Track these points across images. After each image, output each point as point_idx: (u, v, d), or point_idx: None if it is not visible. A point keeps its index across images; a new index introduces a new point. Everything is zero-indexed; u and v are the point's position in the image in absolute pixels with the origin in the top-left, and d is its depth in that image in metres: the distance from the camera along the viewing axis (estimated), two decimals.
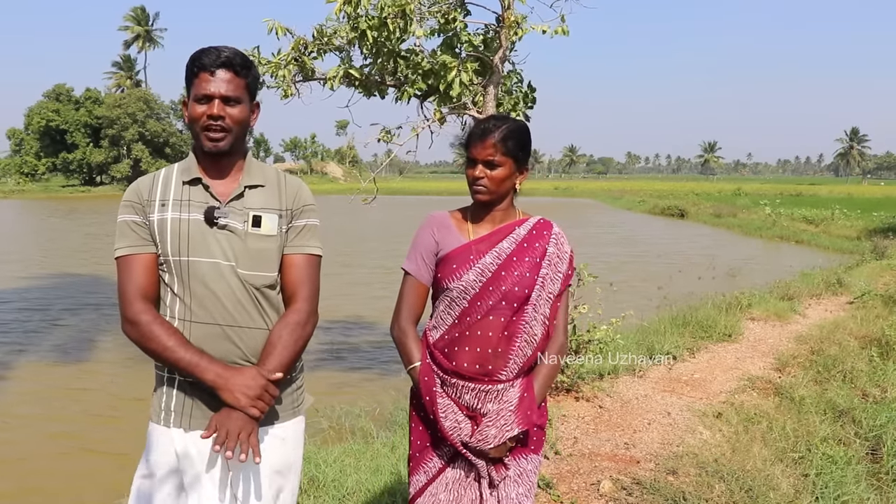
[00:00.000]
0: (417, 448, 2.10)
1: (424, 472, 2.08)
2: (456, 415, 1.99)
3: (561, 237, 2.11)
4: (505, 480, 2.03)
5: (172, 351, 1.74)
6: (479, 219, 2.08)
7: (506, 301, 1.99)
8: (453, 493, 2.03)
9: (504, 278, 2.00)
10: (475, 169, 2.00)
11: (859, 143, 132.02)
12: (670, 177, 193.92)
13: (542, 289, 2.02)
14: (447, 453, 2.05)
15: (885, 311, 8.49)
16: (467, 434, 1.98)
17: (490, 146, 1.97)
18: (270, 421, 1.88)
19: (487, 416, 1.98)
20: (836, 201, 38.13)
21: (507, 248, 2.02)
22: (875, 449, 4.25)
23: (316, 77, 5.16)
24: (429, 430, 2.08)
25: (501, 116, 2.08)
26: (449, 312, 2.04)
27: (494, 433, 1.95)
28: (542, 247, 2.05)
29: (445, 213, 2.13)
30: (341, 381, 7.52)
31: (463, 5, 4.92)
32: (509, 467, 2.03)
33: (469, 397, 1.99)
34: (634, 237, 25.33)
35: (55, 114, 62.22)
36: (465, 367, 1.99)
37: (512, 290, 1.99)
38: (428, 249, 2.07)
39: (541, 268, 2.02)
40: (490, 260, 2.01)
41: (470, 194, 2.05)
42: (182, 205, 1.82)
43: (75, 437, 6.14)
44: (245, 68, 1.83)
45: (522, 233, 2.06)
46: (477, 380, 1.98)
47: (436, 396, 2.00)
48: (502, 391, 1.99)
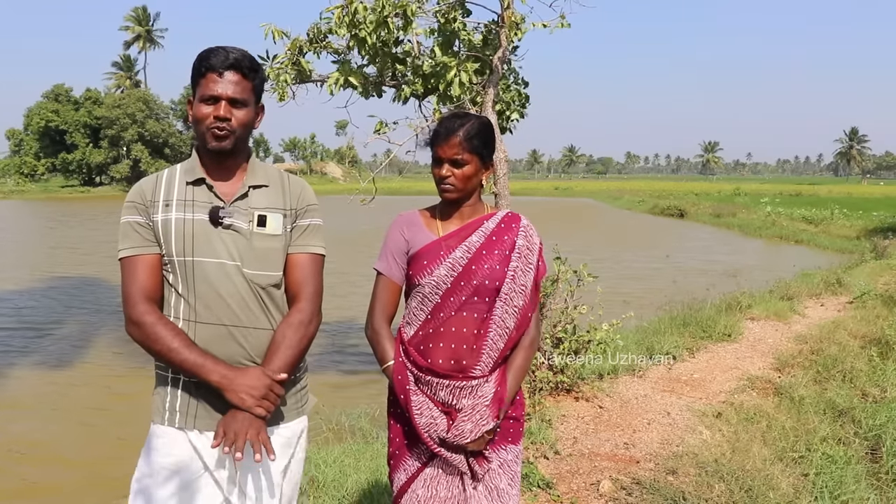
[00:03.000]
0: (396, 446, 2.12)
1: (404, 470, 2.09)
2: (431, 411, 2.01)
3: (530, 229, 2.14)
4: (490, 472, 2.05)
5: (177, 352, 1.74)
6: (447, 216, 2.11)
7: (478, 295, 2.02)
8: (432, 490, 2.04)
9: (475, 272, 2.02)
10: (441, 168, 2.03)
11: (859, 143, 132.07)
12: (670, 177, 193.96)
13: (514, 281, 2.03)
14: (425, 451, 2.06)
15: (885, 311, 8.49)
16: (443, 430, 1.99)
17: (455, 145, 2.00)
18: (275, 421, 1.88)
19: (463, 412, 1.99)
20: (835, 201, 38.13)
21: (476, 242, 2.04)
22: (875, 449, 4.25)
23: (313, 79, 5.17)
24: (405, 428, 2.10)
25: (464, 114, 2.10)
26: (422, 308, 2.06)
27: (470, 428, 1.97)
28: (510, 239, 2.07)
29: (414, 211, 2.16)
30: (341, 382, 7.53)
31: (463, 5, 4.92)
32: (491, 459, 2.05)
33: (444, 394, 2.01)
34: (634, 237, 25.33)
35: (55, 114, 62.19)
36: (440, 363, 2.01)
37: (483, 284, 2.01)
38: (398, 248, 2.09)
39: (510, 260, 2.04)
40: (460, 254, 2.03)
41: (438, 193, 2.08)
42: (186, 205, 1.82)
43: (75, 436, 6.13)
44: (253, 71, 1.83)
45: (491, 226, 2.08)
46: (451, 376, 2.00)
47: (410, 394, 2.02)
48: (476, 387, 2.01)
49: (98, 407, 6.89)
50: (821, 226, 26.76)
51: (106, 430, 6.27)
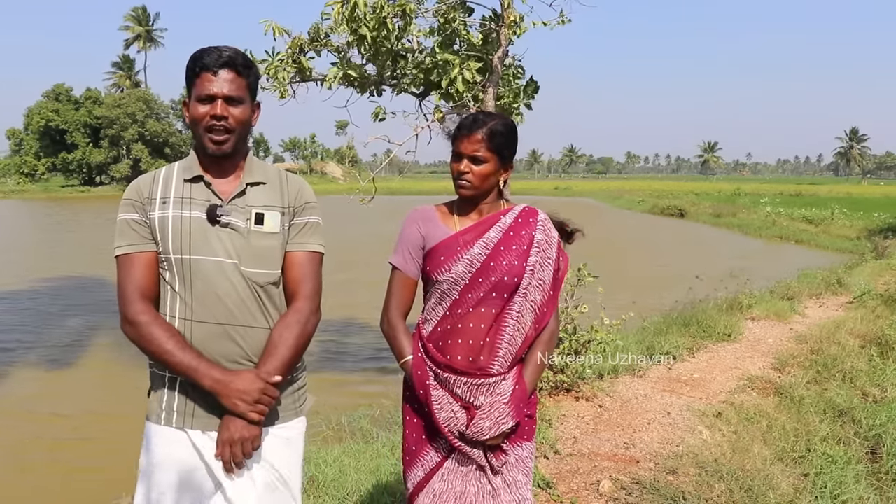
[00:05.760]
0: (413, 441, 2.11)
1: (422, 465, 2.08)
2: (451, 405, 2.00)
3: (547, 222, 2.12)
4: (506, 465, 2.05)
5: (171, 354, 1.73)
6: (464, 212, 2.10)
7: (496, 291, 2.00)
8: (447, 484, 2.04)
9: (493, 268, 2.00)
10: (461, 163, 2.02)
11: (859, 143, 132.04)
12: (670, 176, 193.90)
13: (533, 276, 2.02)
14: (444, 446, 2.05)
15: (885, 311, 8.48)
16: (463, 424, 1.98)
17: (476, 141, 1.99)
18: (272, 421, 1.87)
19: (482, 409, 1.98)
20: (835, 201, 38.11)
21: (494, 238, 2.03)
22: (875, 449, 4.24)
23: (313, 77, 5.16)
24: (423, 423, 2.09)
25: (489, 113, 2.09)
26: (440, 304, 2.05)
27: (489, 425, 1.97)
28: (528, 234, 2.06)
29: (430, 206, 2.15)
30: (341, 382, 7.52)
31: (464, 5, 4.92)
32: (508, 453, 2.05)
33: (461, 391, 2.00)
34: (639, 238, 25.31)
35: (55, 114, 62.12)
36: (459, 360, 2.00)
37: (502, 280, 2.00)
38: (414, 243, 2.08)
39: (529, 255, 2.03)
40: (478, 250, 2.01)
41: (454, 189, 2.07)
42: (184, 202, 1.82)
43: (74, 436, 6.13)
44: (247, 68, 1.83)
45: (508, 221, 2.06)
46: (469, 374, 1.99)
47: (430, 389, 2.01)
48: (494, 384, 2.00)
49: (98, 406, 6.89)
50: (821, 226, 26.75)
51: (105, 430, 6.26)
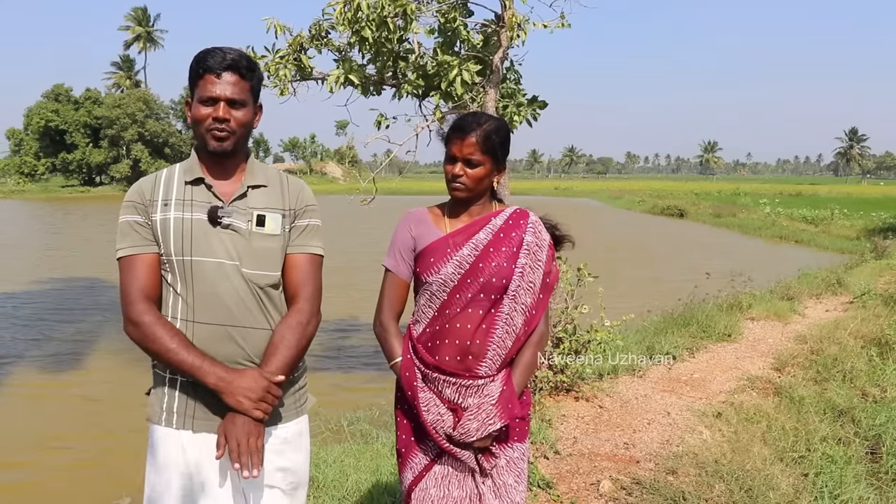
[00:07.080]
0: (403, 443, 2.12)
1: (411, 468, 2.08)
2: (438, 408, 2.01)
3: (539, 225, 2.12)
4: (497, 468, 2.05)
5: (175, 353, 1.74)
6: (456, 214, 2.10)
7: (484, 293, 2.01)
8: (444, 490, 2.04)
9: (482, 270, 2.01)
10: (455, 166, 2.02)
11: (859, 143, 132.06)
12: (670, 176, 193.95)
13: (522, 278, 2.02)
14: (433, 448, 2.05)
15: (885, 311, 8.48)
16: (450, 426, 1.99)
17: (471, 145, 1.99)
18: (274, 422, 1.87)
19: (469, 411, 1.99)
20: (835, 201, 38.12)
21: (483, 239, 2.04)
22: (874, 449, 4.25)
23: (313, 77, 5.16)
24: (413, 425, 2.10)
25: (482, 114, 2.09)
26: (430, 306, 2.06)
27: (476, 426, 1.97)
28: (518, 236, 2.06)
29: (423, 209, 2.16)
30: (341, 383, 7.52)
31: (464, 5, 4.92)
32: (498, 455, 2.05)
33: (450, 392, 2.01)
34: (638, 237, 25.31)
35: (54, 114, 62.10)
36: (447, 360, 2.00)
37: (490, 282, 2.01)
38: (405, 245, 2.09)
39: (518, 257, 2.03)
40: (467, 252, 2.02)
41: (448, 190, 2.07)
42: (185, 204, 1.82)
43: (75, 436, 6.13)
44: (250, 71, 1.83)
45: (499, 223, 2.07)
46: (458, 375, 2.00)
47: (417, 391, 2.02)
48: (482, 386, 2.01)
49: (98, 406, 6.89)
50: (821, 226, 26.76)
51: (105, 430, 6.26)
